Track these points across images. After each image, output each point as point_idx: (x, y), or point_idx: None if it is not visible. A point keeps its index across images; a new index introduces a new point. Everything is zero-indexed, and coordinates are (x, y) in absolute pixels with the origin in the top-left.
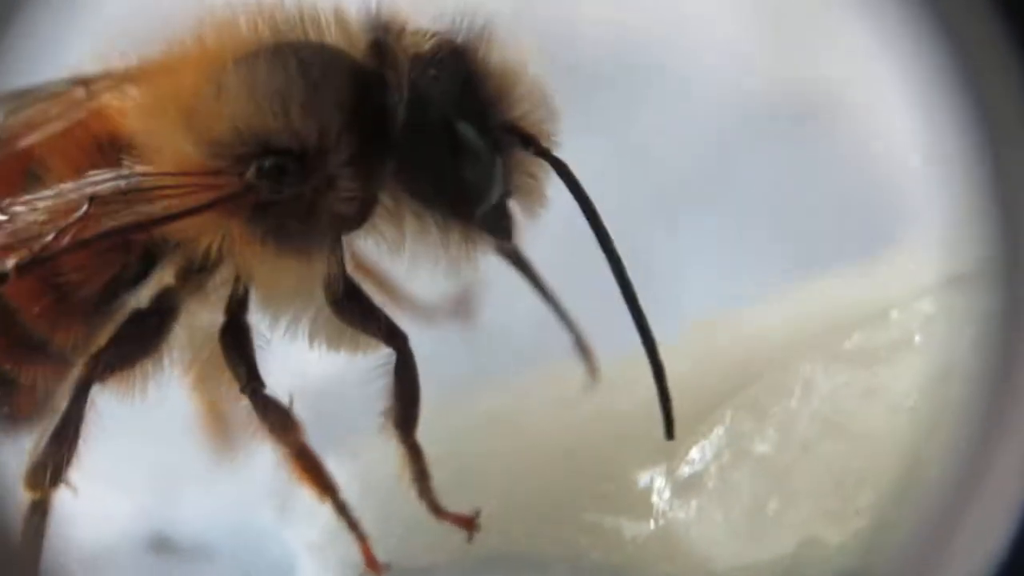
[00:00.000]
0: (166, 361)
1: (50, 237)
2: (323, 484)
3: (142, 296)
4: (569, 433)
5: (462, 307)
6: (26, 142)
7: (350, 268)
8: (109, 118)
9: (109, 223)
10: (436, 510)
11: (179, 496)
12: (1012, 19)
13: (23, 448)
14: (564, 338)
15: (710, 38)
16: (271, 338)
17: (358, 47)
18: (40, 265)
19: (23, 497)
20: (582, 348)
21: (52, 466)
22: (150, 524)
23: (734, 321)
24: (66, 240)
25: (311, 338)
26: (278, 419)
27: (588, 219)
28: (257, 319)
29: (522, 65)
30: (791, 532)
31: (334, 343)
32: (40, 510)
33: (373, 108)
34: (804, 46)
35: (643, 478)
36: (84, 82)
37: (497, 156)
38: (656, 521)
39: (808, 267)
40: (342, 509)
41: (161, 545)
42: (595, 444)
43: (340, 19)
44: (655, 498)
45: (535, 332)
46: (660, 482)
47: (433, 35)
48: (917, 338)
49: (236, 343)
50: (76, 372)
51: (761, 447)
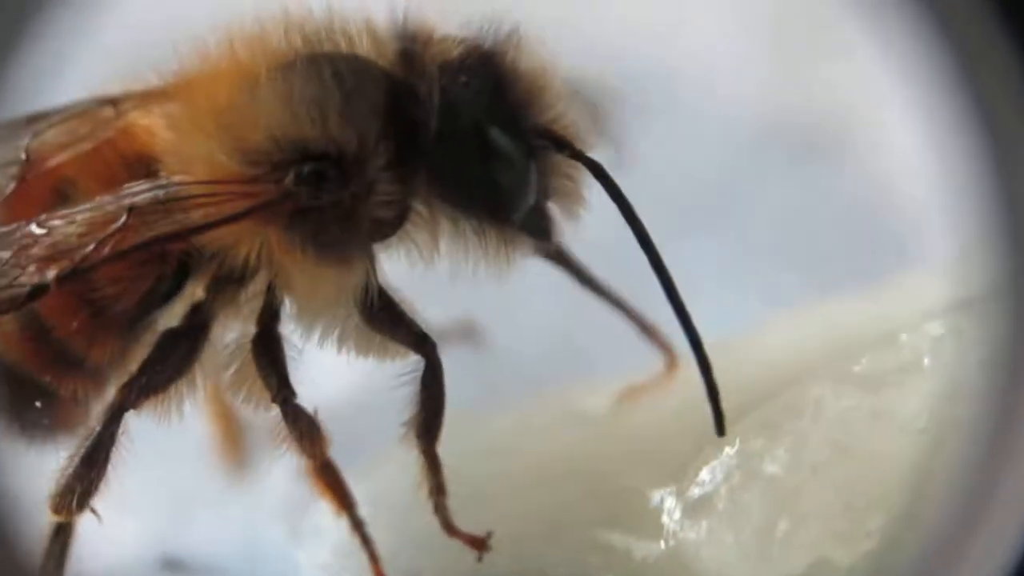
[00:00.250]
0: (199, 380)
1: (89, 248)
2: (343, 498)
3: (174, 311)
4: (579, 454)
5: (470, 330)
6: (55, 161)
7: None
8: (137, 136)
9: (148, 233)
10: (449, 527)
11: (190, 517)
12: (1020, 40)
13: (28, 460)
14: (572, 359)
15: (718, 64)
16: (302, 349)
17: (388, 56)
18: (80, 276)
19: (46, 519)
20: (652, 336)
21: (80, 490)
22: (161, 545)
23: (744, 345)
24: (106, 251)
25: (340, 345)
26: (307, 430)
27: (626, 218)
28: (288, 329)
29: (551, 68)
30: (801, 553)
31: (363, 350)
32: (64, 534)
33: (406, 116)
34: (811, 72)
35: (653, 498)
36: (111, 101)
37: (531, 160)
38: (666, 542)
39: (817, 290)
40: (358, 525)
41: (172, 566)
42: (605, 465)
43: (370, 29)
44: (665, 518)
45: (544, 354)
46: (670, 502)
47: (461, 42)
48: (926, 361)
49: (268, 353)
50: (110, 397)
51: (771, 468)
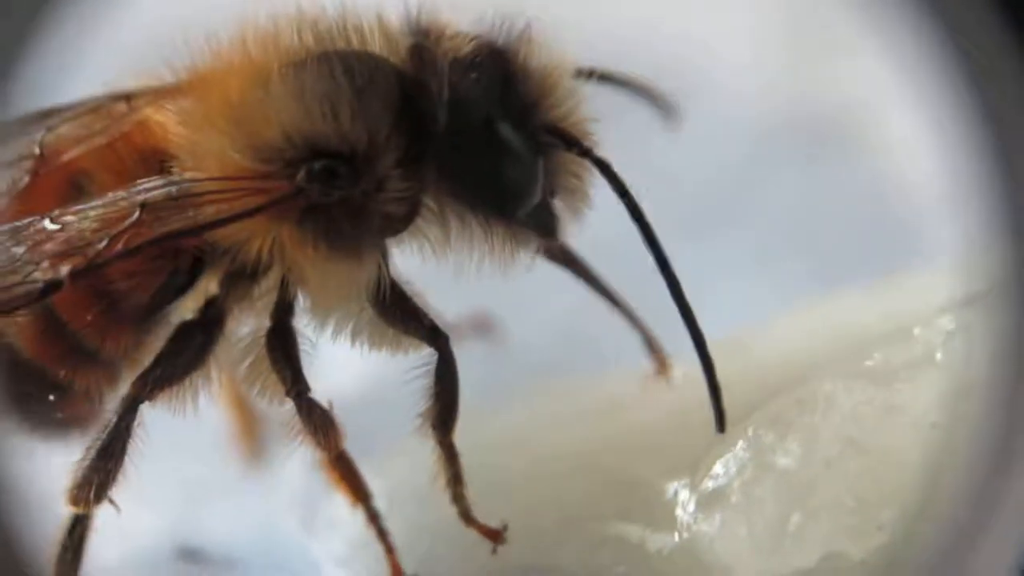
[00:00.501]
0: (214, 373)
1: (102, 244)
2: (358, 490)
3: (188, 306)
4: (592, 447)
5: (483, 324)
6: (69, 156)
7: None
8: (152, 131)
9: (161, 229)
10: (467, 517)
11: (206, 508)
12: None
13: (27, 461)
14: (585, 352)
15: (729, 60)
16: (316, 342)
17: (399, 53)
18: (93, 272)
19: (62, 511)
20: (647, 341)
21: (97, 482)
22: (177, 536)
23: (756, 340)
24: (119, 247)
25: (354, 338)
26: (321, 423)
27: (632, 216)
28: (302, 323)
29: (562, 67)
30: (813, 547)
31: (377, 343)
32: (81, 526)
33: (416, 112)
34: (826, 68)
35: (667, 492)
36: (125, 97)
37: (538, 157)
38: (680, 534)
39: (830, 285)
40: (374, 517)
41: (188, 556)
42: (619, 458)
43: (383, 26)
44: (679, 511)
45: (556, 347)
46: (684, 495)
47: (473, 38)
48: (938, 355)
49: (282, 347)
50: (125, 390)
51: (784, 462)
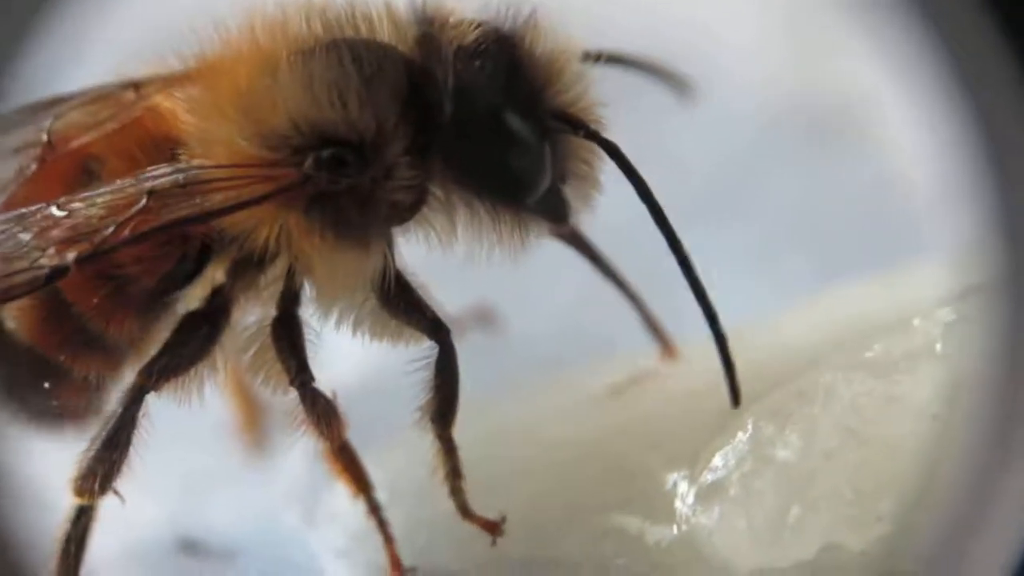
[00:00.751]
0: (219, 363)
1: (109, 231)
2: (360, 481)
3: (195, 293)
4: (593, 438)
5: (485, 315)
6: (80, 141)
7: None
8: (162, 118)
9: (167, 216)
10: (464, 511)
11: (207, 500)
12: (1015, 35)
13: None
14: (586, 344)
15: (739, 53)
16: (319, 332)
17: (407, 41)
18: (99, 259)
19: (69, 503)
20: (652, 326)
21: (102, 473)
22: (178, 527)
23: (757, 330)
24: (125, 233)
25: (355, 328)
26: (324, 413)
27: (642, 197)
28: (306, 312)
29: (569, 52)
30: (813, 539)
31: (378, 334)
32: (86, 517)
33: (424, 100)
34: (830, 58)
35: (667, 483)
36: (133, 84)
37: (545, 142)
38: (679, 526)
39: (831, 277)
40: (375, 508)
41: (189, 548)
42: (619, 449)
43: (390, 14)
44: (679, 503)
45: (557, 339)
46: (684, 487)
47: (478, 25)
48: (938, 347)
49: (287, 336)
50: (130, 380)
51: (783, 454)
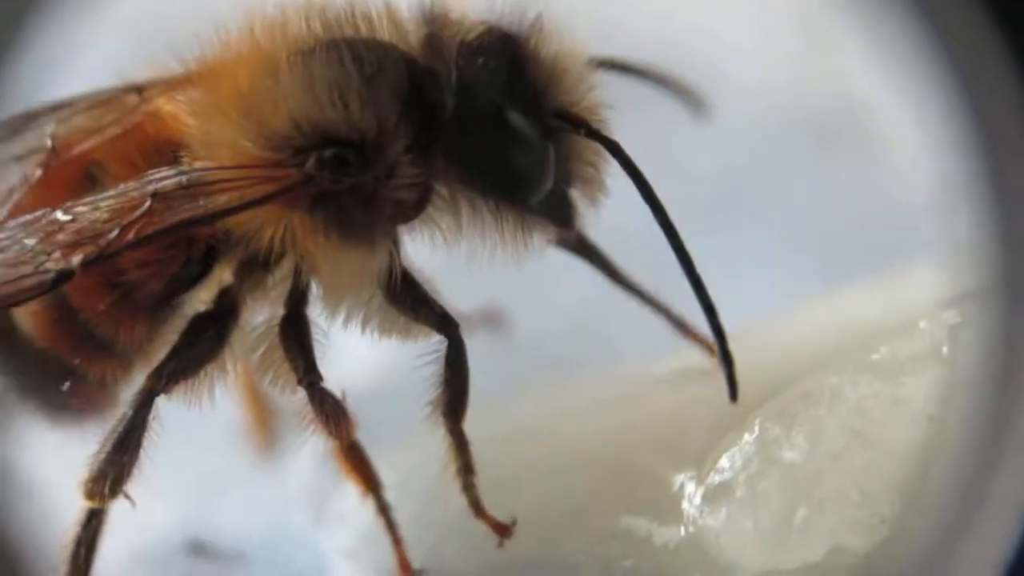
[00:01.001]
0: (229, 364)
1: (114, 234)
2: (369, 480)
3: (203, 295)
4: (600, 441)
5: (494, 316)
6: (81, 148)
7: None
8: (164, 122)
9: (172, 218)
10: (477, 508)
11: (215, 501)
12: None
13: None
14: (595, 345)
15: (744, 56)
16: (327, 332)
17: (408, 40)
18: (105, 262)
19: (80, 505)
20: (677, 324)
21: (113, 476)
22: (186, 529)
23: (764, 332)
24: (129, 236)
25: (364, 326)
26: (333, 412)
27: (643, 195)
28: (314, 312)
29: (574, 54)
30: (819, 540)
31: (386, 331)
32: (96, 520)
33: (425, 98)
34: (835, 63)
35: (674, 485)
36: (136, 88)
37: (547, 142)
38: (686, 528)
39: (837, 278)
40: (383, 509)
41: (197, 550)
42: (626, 452)
43: (390, 13)
44: (685, 505)
45: (566, 340)
46: (691, 488)
47: (481, 24)
48: (944, 349)
49: (295, 336)
50: (140, 383)
51: (789, 456)
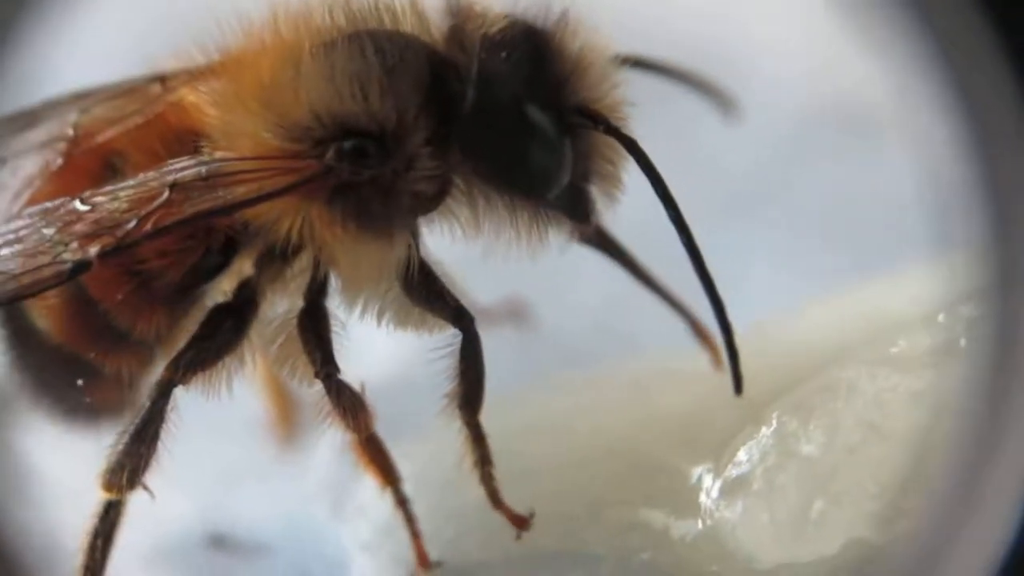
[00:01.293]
0: (247, 356)
1: (132, 225)
2: (388, 473)
3: (222, 287)
4: (618, 434)
5: (516, 309)
6: (105, 136)
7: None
8: (186, 112)
9: (190, 209)
10: (495, 499)
11: (236, 494)
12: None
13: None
14: (616, 339)
15: (763, 48)
16: (345, 325)
17: (431, 32)
18: (123, 252)
19: (97, 497)
20: (693, 324)
21: (130, 467)
22: (207, 521)
23: (783, 325)
24: (148, 227)
25: (380, 318)
26: (351, 404)
27: (658, 193)
28: (333, 304)
29: (599, 50)
30: (836, 534)
31: (402, 323)
32: (114, 512)
33: (446, 90)
34: (862, 57)
35: (692, 478)
36: (160, 78)
37: (566, 138)
38: (704, 521)
39: (856, 272)
40: (402, 501)
41: (217, 542)
42: (644, 445)
43: (414, 5)
44: (703, 498)
45: (586, 334)
46: (708, 481)
47: (505, 18)
48: (962, 342)
49: (314, 328)
50: (158, 374)
51: (807, 449)
